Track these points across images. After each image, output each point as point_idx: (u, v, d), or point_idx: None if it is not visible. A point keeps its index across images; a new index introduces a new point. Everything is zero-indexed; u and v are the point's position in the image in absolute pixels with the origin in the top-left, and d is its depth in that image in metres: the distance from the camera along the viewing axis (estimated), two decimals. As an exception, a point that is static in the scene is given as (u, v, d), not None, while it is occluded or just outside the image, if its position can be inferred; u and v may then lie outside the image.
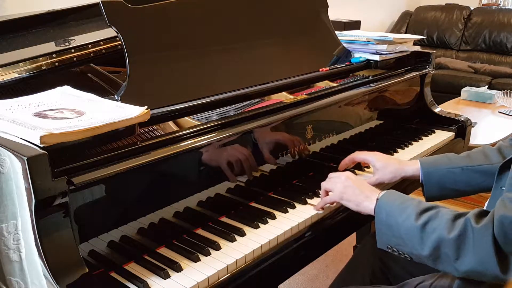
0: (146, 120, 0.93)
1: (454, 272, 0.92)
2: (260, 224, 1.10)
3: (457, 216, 0.92)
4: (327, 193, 1.18)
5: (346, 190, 1.11)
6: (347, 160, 1.35)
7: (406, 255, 0.99)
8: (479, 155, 1.23)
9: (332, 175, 1.19)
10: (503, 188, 0.98)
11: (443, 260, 0.92)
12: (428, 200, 1.25)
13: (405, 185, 1.42)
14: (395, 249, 1.01)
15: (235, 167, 1.16)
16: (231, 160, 1.15)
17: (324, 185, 1.19)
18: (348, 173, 1.18)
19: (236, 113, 1.20)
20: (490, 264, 0.85)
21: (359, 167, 1.42)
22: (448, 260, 0.91)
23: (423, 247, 0.93)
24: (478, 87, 3.84)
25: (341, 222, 1.21)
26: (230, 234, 1.05)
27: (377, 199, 1.04)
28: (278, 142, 1.26)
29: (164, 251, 1.01)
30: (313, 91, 1.44)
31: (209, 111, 1.21)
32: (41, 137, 0.78)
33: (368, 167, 1.41)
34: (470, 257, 0.87)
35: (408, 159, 1.49)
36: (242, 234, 1.06)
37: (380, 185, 1.29)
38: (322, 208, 1.18)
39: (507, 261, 0.85)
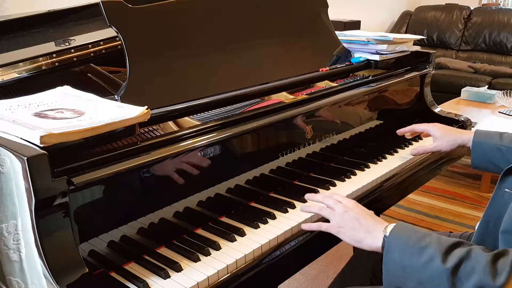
0: (146, 120, 0.93)
1: None
2: (260, 224, 1.10)
3: (497, 256, 0.79)
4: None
5: (344, 223, 0.98)
6: (408, 129, 1.48)
7: None
8: None
9: (329, 200, 1.04)
10: (507, 190, 0.97)
11: None
12: (473, 168, 1.33)
13: (406, 183, 1.46)
14: None
15: (236, 166, 1.16)
16: (232, 159, 1.15)
17: (320, 211, 1.05)
18: (347, 201, 1.03)
19: (236, 113, 1.20)
20: None
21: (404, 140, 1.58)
22: None
23: None
24: (478, 87, 3.85)
25: (341, 222, 1.21)
26: (230, 234, 1.05)
27: (385, 235, 0.90)
28: (278, 142, 1.26)
29: (164, 251, 1.01)
30: (313, 91, 1.44)
31: (209, 111, 1.21)
32: (41, 137, 0.78)
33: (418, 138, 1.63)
34: None
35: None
36: (242, 234, 1.06)
37: (437, 153, 1.45)
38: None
39: None
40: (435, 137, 1.42)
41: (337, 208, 1.01)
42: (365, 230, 0.95)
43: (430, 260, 0.82)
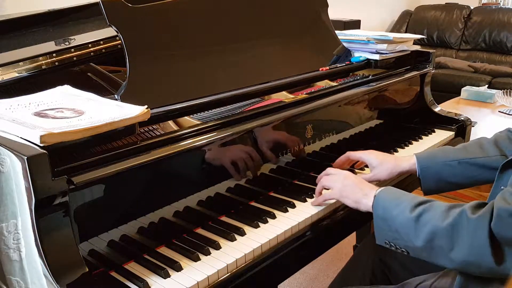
0: (146, 119, 0.93)
1: (449, 263, 0.92)
2: (260, 224, 1.10)
3: (452, 207, 0.92)
4: (321, 190, 1.19)
5: (345, 188, 1.12)
6: (343, 159, 1.35)
7: (403, 250, 0.99)
8: (475, 147, 1.23)
9: (330, 171, 1.20)
10: (503, 188, 0.98)
11: (437, 251, 0.91)
12: (426, 193, 1.25)
13: (406, 183, 1.42)
14: (392, 244, 1.01)
15: (235, 166, 1.16)
16: (231, 159, 1.15)
17: (322, 182, 1.19)
18: (346, 172, 1.18)
19: (236, 112, 1.20)
20: (484, 256, 0.85)
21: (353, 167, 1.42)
22: (442, 252, 0.90)
23: (417, 239, 0.93)
24: (478, 86, 3.84)
25: (341, 221, 1.21)
26: (230, 233, 1.05)
27: (375, 195, 1.04)
28: (278, 141, 1.26)
29: (164, 250, 1.01)
30: (313, 90, 1.44)
31: (209, 111, 1.21)
32: (41, 137, 0.78)
33: (365, 167, 1.41)
34: (464, 247, 0.87)
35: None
36: (242, 233, 1.06)
37: (377, 182, 1.28)
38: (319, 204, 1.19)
39: (502, 253, 0.84)
40: (372, 166, 1.30)
41: (337, 177, 1.15)
42: (363, 194, 1.08)
43: (401, 212, 0.97)
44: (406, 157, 1.29)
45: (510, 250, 0.84)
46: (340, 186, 1.13)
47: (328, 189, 1.18)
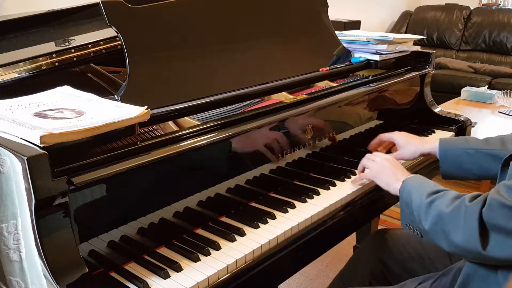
0: (146, 120, 0.93)
1: (447, 246, 0.97)
2: (260, 224, 1.10)
3: (459, 196, 0.98)
4: (363, 170, 1.30)
5: (381, 170, 1.22)
6: (376, 141, 1.46)
7: (418, 232, 1.06)
8: (496, 141, 1.26)
9: (371, 155, 1.30)
10: None
11: (440, 235, 0.98)
12: (444, 177, 1.33)
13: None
14: (411, 227, 1.08)
15: (234, 166, 1.16)
16: (231, 160, 1.15)
17: (363, 162, 1.30)
18: (387, 155, 1.28)
19: (236, 113, 1.20)
20: (473, 239, 0.91)
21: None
22: (444, 235, 0.97)
23: (426, 222, 1.01)
24: (478, 87, 3.84)
25: (341, 222, 1.21)
26: (230, 234, 1.05)
27: (403, 181, 1.12)
28: (278, 142, 1.26)
29: (164, 251, 1.01)
30: (313, 91, 1.44)
31: (209, 111, 1.21)
32: (41, 137, 0.78)
33: None
34: (458, 231, 0.94)
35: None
36: (242, 234, 1.06)
37: (402, 162, 1.40)
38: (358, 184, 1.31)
39: (488, 238, 0.90)
40: (399, 146, 1.40)
41: (378, 159, 1.26)
42: (395, 178, 1.17)
43: (420, 196, 1.04)
44: (431, 140, 1.39)
45: (495, 235, 0.90)
46: (377, 167, 1.23)
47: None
